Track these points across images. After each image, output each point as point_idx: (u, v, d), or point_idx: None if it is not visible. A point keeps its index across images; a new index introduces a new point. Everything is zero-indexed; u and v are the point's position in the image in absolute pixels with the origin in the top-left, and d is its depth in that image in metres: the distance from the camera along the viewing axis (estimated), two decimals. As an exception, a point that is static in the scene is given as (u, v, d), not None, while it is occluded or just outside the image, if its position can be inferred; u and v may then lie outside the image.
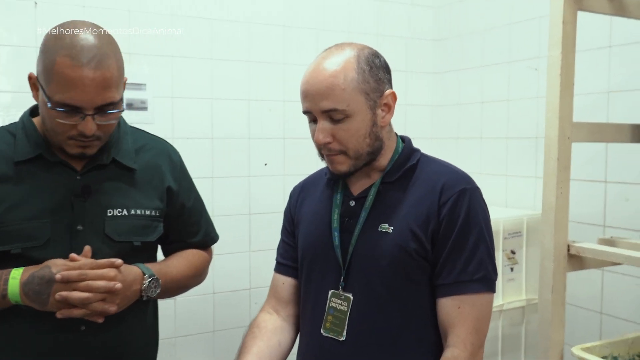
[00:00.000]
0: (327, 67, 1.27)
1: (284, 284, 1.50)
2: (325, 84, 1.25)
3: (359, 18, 2.87)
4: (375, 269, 1.30)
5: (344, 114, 1.25)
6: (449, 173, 1.34)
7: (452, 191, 1.29)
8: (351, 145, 1.28)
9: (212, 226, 1.66)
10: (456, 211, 1.27)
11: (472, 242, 1.28)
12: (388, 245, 1.29)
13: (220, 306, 2.62)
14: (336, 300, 1.34)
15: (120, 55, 1.34)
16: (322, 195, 1.45)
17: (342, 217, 1.37)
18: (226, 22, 2.56)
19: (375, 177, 1.37)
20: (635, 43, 2.20)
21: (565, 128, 1.64)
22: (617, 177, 2.27)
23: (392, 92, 1.33)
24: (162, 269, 1.45)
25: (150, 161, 1.50)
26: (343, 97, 1.25)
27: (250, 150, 2.65)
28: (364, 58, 1.29)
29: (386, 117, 1.33)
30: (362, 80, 1.26)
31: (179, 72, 2.49)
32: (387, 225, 1.30)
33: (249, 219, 2.66)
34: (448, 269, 1.28)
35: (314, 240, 1.41)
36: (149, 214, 1.46)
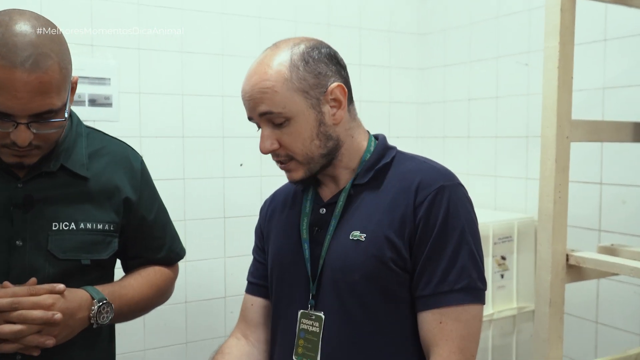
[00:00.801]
0: (258, 70, 1.16)
1: (253, 306, 1.36)
2: (257, 88, 1.15)
3: (339, 10, 2.72)
4: (347, 283, 1.15)
5: (282, 117, 1.14)
6: (425, 170, 1.19)
7: (429, 189, 1.14)
8: (298, 150, 1.16)
9: (178, 240, 1.49)
10: (433, 212, 1.12)
11: (453, 246, 1.12)
12: (360, 255, 1.14)
13: (193, 316, 2.45)
14: (306, 322, 1.19)
15: (67, 55, 1.16)
16: (292, 205, 1.32)
17: (311, 226, 1.23)
18: (198, 13, 2.39)
19: (345, 180, 1.24)
20: (632, 36, 2.08)
21: (564, 126, 1.51)
22: (614, 179, 2.14)
23: (339, 84, 1.17)
24: (115, 291, 1.29)
25: (106, 168, 1.33)
26: (276, 99, 1.13)
27: (224, 150, 2.48)
28: (298, 54, 1.16)
29: (338, 113, 1.18)
30: (297, 79, 1.14)
31: (146, 66, 2.31)
32: (358, 232, 1.16)
33: (224, 222, 2.50)
34: (426, 279, 1.12)
35: (283, 255, 1.27)
36: (101, 228, 1.29)
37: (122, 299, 1.29)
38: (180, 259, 1.50)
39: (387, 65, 2.84)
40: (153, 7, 2.31)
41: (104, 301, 1.23)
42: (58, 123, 1.16)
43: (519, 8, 2.46)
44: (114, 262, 1.41)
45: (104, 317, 1.23)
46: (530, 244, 2.37)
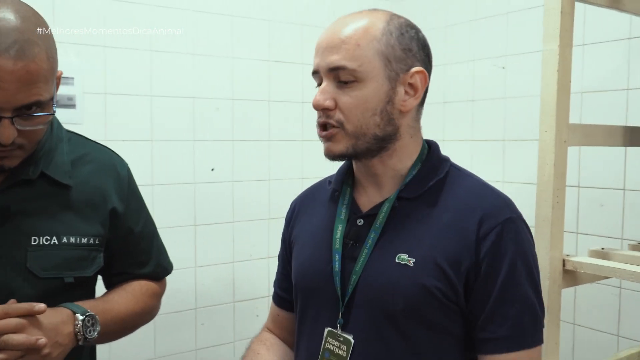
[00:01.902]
0: (348, 21, 1.05)
1: (279, 316, 1.29)
2: (338, 36, 1.02)
3: (313, 10, 2.65)
4: (388, 310, 1.02)
5: (352, 75, 1.01)
6: (489, 196, 1.06)
7: (495, 221, 1.01)
8: (354, 117, 1.02)
9: (165, 254, 1.39)
10: (501, 248, 1.00)
11: (525, 286, 1.01)
12: (407, 283, 1.00)
13: (162, 329, 2.33)
14: (333, 342, 1.07)
15: (53, 43, 1.07)
16: (322, 210, 1.18)
17: (346, 238, 1.09)
18: (168, 10, 2.27)
19: (389, 188, 1.09)
20: (609, 41, 2.10)
21: (562, 131, 1.49)
22: (591, 182, 2.16)
23: (422, 70, 1.05)
24: (98, 306, 1.17)
25: (91, 176, 1.22)
26: (356, 54, 1.01)
27: (195, 154, 2.37)
28: (396, 23, 1.05)
29: (409, 101, 1.05)
30: (385, 43, 1.02)
31: (113, 65, 2.18)
32: (406, 256, 1.02)
33: (194, 230, 2.38)
34: (499, 320, 1.00)
35: (309, 266, 1.14)
36: (86, 242, 1.18)
37: (107, 314, 1.17)
38: (168, 273, 1.39)
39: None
40: (120, 2, 2.18)
41: (88, 313, 1.11)
42: (45, 118, 1.05)
43: (495, 12, 2.45)
44: (96, 279, 1.29)
45: (91, 331, 1.11)
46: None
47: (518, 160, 2.37)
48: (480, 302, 1.01)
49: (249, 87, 2.48)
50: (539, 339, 1.03)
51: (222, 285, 2.45)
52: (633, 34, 2.04)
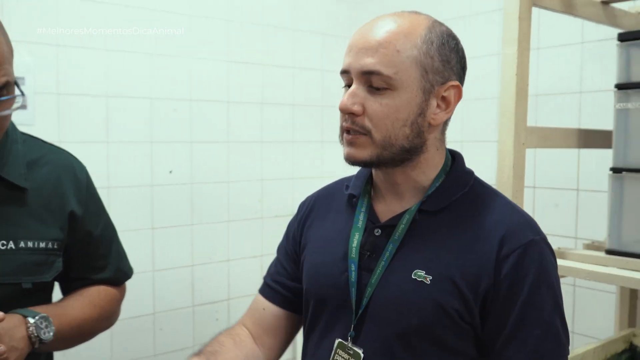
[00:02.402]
0: (388, 22, 0.99)
1: (265, 310, 1.19)
2: (377, 39, 0.96)
3: (272, 10, 2.63)
4: (400, 326, 0.98)
5: (386, 83, 0.95)
6: (512, 214, 1.01)
7: (517, 242, 0.96)
8: (383, 126, 0.96)
9: (125, 259, 1.36)
10: (522, 270, 0.95)
11: (547, 311, 0.96)
12: (422, 300, 0.97)
13: (119, 335, 2.27)
14: (342, 354, 1.02)
15: (7, 35, 1.07)
16: (338, 215, 1.12)
17: (362, 248, 1.04)
18: (124, 8, 2.22)
19: (410, 199, 1.05)
20: (563, 45, 2.15)
21: (520, 133, 1.51)
22: (546, 183, 2.21)
23: (459, 85, 1.01)
24: (53, 310, 1.14)
25: (48, 179, 1.18)
26: (394, 60, 0.95)
27: (152, 156, 2.32)
28: (438, 31, 0.99)
29: (439, 115, 1.00)
30: (425, 52, 0.96)
31: (66, 64, 2.12)
32: (423, 272, 0.98)
33: (152, 234, 2.33)
34: (518, 344, 0.95)
35: (323, 273, 1.08)
36: (44, 246, 1.15)
37: (62, 319, 1.14)
38: (128, 278, 1.37)
39: (319, 68, 2.79)
40: (74, 0, 2.12)
41: (41, 315, 1.08)
42: (10, 103, 1.04)
43: (454, 15, 2.49)
44: (53, 285, 1.25)
45: (45, 333, 1.08)
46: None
47: (476, 161, 2.39)
48: (497, 325, 0.97)
49: (207, 88, 2.44)
50: None
51: (181, 289, 2.41)
52: (585, 38, 2.09)
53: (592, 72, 2.09)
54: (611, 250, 1.56)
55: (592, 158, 2.07)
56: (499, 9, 2.32)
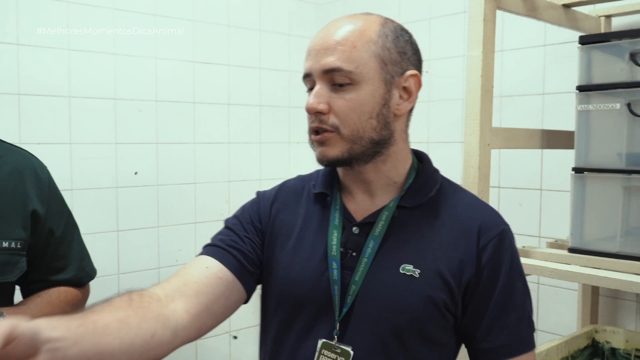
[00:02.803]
0: (343, 23, 1.02)
1: (208, 269, 1.02)
2: (333, 38, 0.99)
3: (238, 11, 2.62)
4: (392, 321, 0.99)
5: (349, 78, 0.98)
6: (482, 208, 1.08)
7: (492, 233, 1.02)
8: (350, 121, 0.98)
9: (88, 259, 1.33)
10: (498, 258, 1.01)
11: (521, 294, 1.04)
12: (413, 294, 0.99)
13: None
14: (329, 354, 1.01)
15: None
16: (309, 213, 1.10)
17: (343, 247, 1.04)
18: (86, 7, 2.18)
19: (383, 197, 1.06)
20: (526, 48, 2.19)
21: (485, 134, 1.54)
22: (510, 183, 2.25)
23: (417, 74, 1.04)
24: (9, 311, 1.12)
25: (10, 178, 1.16)
26: (352, 56, 0.98)
27: (117, 157, 2.28)
28: (391, 26, 1.04)
29: (403, 104, 1.03)
30: (382, 46, 1.00)
31: (27, 64, 2.07)
32: (411, 267, 1.00)
33: (117, 236, 2.30)
34: (498, 330, 1.01)
35: (301, 272, 1.05)
36: (7, 246, 1.13)
37: None
38: (91, 279, 1.34)
39: (286, 69, 2.78)
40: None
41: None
42: None
43: (419, 17, 2.51)
44: (14, 288, 1.22)
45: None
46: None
47: (442, 161, 2.42)
48: (479, 313, 1.02)
49: (173, 89, 2.42)
50: (534, 343, 1.06)
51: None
52: (548, 41, 2.14)
53: (554, 74, 2.13)
54: (574, 248, 1.60)
55: (554, 158, 2.12)
56: (462, 12, 2.35)
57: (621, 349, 1.76)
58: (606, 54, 1.60)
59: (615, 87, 1.55)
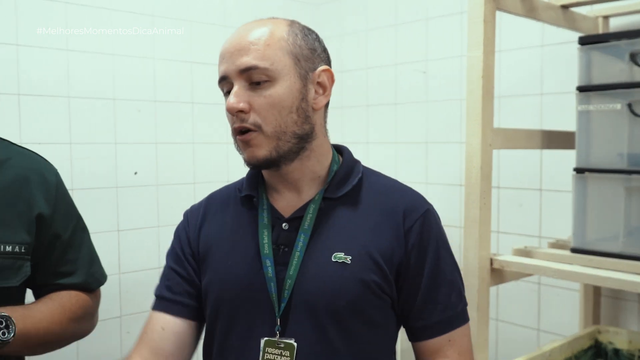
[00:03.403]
0: (253, 26, 1.06)
1: (164, 330, 1.11)
2: (246, 39, 1.03)
3: (235, 11, 2.61)
4: (330, 309, 1.03)
5: (265, 75, 1.01)
6: (405, 191, 1.14)
7: (417, 214, 1.09)
8: (271, 118, 1.02)
9: (98, 264, 1.33)
10: (424, 237, 1.08)
11: (449, 270, 1.11)
12: (348, 280, 1.03)
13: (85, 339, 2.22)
14: (273, 351, 1.04)
15: None
16: (237, 218, 1.14)
17: (274, 244, 1.08)
18: (84, 8, 2.17)
19: (309, 191, 1.11)
20: (523, 48, 2.20)
21: (487, 134, 1.55)
22: (510, 183, 2.26)
23: (329, 69, 1.09)
24: (17, 310, 1.10)
25: (15, 181, 1.15)
26: (266, 53, 1.02)
27: (117, 157, 2.28)
28: (299, 26, 1.10)
29: (319, 99, 1.08)
30: (293, 43, 1.05)
31: (26, 64, 2.06)
32: (342, 254, 1.04)
33: (117, 236, 2.29)
34: (431, 307, 1.08)
35: (235, 276, 1.08)
36: (10, 250, 1.12)
37: (27, 320, 1.11)
38: (100, 285, 1.34)
39: (284, 69, 2.79)
40: None
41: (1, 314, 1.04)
42: None
43: (416, 17, 2.51)
44: (24, 291, 1.22)
45: (5, 333, 1.04)
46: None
47: (440, 162, 2.45)
48: (412, 292, 1.08)
49: (171, 89, 2.41)
50: (467, 315, 1.13)
51: (148, 292, 2.36)
52: (545, 41, 2.15)
53: (552, 74, 2.14)
54: (576, 248, 1.61)
55: (554, 159, 2.13)
56: (459, 12, 2.36)
57: (624, 350, 1.77)
58: (606, 54, 1.61)
59: (615, 87, 1.56)
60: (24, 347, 1.11)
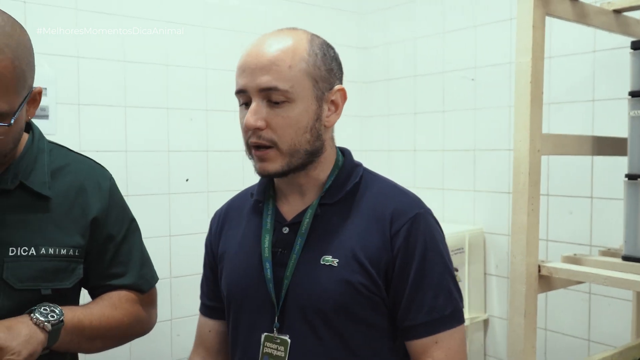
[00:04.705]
0: (274, 41, 1.08)
1: (211, 332, 1.29)
2: (269, 57, 1.06)
3: (282, 21, 2.67)
4: (318, 309, 1.10)
5: (284, 96, 1.05)
6: (397, 195, 1.17)
7: (405, 218, 1.11)
8: (287, 137, 1.07)
9: (149, 266, 1.36)
10: (411, 241, 1.10)
11: (437, 273, 1.11)
12: (333, 282, 1.09)
13: (137, 341, 2.29)
14: (270, 346, 1.12)
15: (26, 57, 1.05)
16: (248, 222, 1.23)
17: (274, 247, 1.15)
18: (139, 20, 2.27)
19: (312, 196, 1.17)
20: (574, 54, 2.17)
21: (535, 140, 1.53)
22: (560, 190, 2.22)
23: (343, 88, 1.14)
24: (71, 308, 1.15)
25: (71, 187, 1.20)
26: (288, 75, 1.05)
27: (170, 164, 2.36)
28: (318, 43, 1.12)
29: (332, 117, 1.13)
30: (313, 64, 1.08)
31: (86, 75, 2.16)
32: (330, 257, 1.11)
33: (169, 241, 2.37)
34: (416, 308, 1.10)
35: (241, 275, 1.19)
36: (65, 253, 1.16)
37: (77, 311, 1.15)
38: (151, 286, 1.37)
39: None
40: (91, 12, 2.16)
41: (41, 304, 1.09)
42: (1, 129, 1.03)
43: (464, 25, 2.51)
44: (78, 292, 1.27)
45: (52, 315, 1.08)
46: (479, 255, 2.42)
47: (489, 169, 2.43)
48: (398, 293, 1.11)
49: (222, 98, 2.48)
50: (458, 318, 1.12)
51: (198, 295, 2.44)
52: (597, 47, 2.11)
53: (604, 80, 2.10)
54: (628, 256, 1.57)
55: (605, 165, 2.09)
56: (509, 19, 2.35)
57: (677, 360, 1.72)
58: (659, 59, 1.58)
59: (669, 92, 1.52)
60: (79, 337, 1.15)
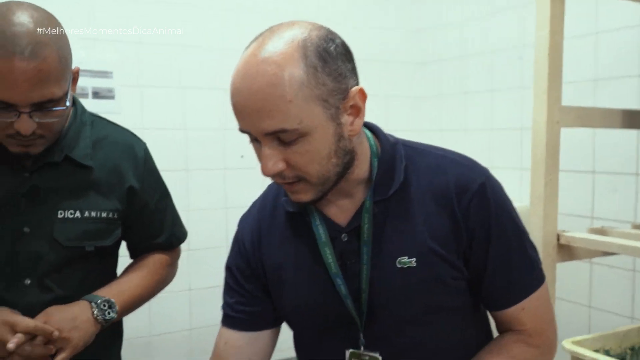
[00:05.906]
0: (261, 67, 0.87)
1: (227, 344, 1.13)
2: (262, 97, 0.87)
3: (330, 6, 2.78)
4: (408, 315, 1.02)
5: (296, 134, 0.89)
6: (451, 167, 1.03)
7: (470, 192, 1.00)
8: (313, 170, 0.93)
9: (179, 224, 1.52)
10: (483, 214, 1.00)
11: (515, 241, 1.03)
12: (416, 284, 1.00)
13: (197, 303, 2.51)
14: None
15: (66, 45, 1.18)
16: (290, 232, 1.08)
17: (339, 259, 1.03)
18: (195, 8, 2.45)
19: (358, 193, 1.04)
20: (621, 29, 2.13)
21: (554, 112, 1.56)
22: (606, 168, 2.20)
23: (360, 89, 0.94)
24: (113, 290, 1.34)
25: (110, 157, 1.36)
26: (292, 112, 0.87)
27: (225, 142, 2.54)
28: (313, 50, 0.89)
29: (356, 122, 0.95)
30: (315, 84, 0.88)
31: (146, 59, 2.37)
32: (406, 258, 1.00)
33: (226, 213, 2.55)
34: (501, 280, 1.03)
35: (309, 297, 1.06)
36: (105, 216, 1.33)
37: (123, 296, 1.33)
38: (181, 242, 1.53)
39: (384, 60, 2.90)
40: (154, 3, 2.36)
41: (103, 299, 1.27)
42: (59, 112, 1.18)
43: (512, 4, 2.51)
44: (117, 248, 1.45)
45: (109, 313, 1.27)
46: (524, 233, 2.43)
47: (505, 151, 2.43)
48: (480, 267, 1.03)
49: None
50: (540, 278, 1.06)
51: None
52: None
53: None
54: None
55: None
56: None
57: None
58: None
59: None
60: (123, 315, 1.35)
